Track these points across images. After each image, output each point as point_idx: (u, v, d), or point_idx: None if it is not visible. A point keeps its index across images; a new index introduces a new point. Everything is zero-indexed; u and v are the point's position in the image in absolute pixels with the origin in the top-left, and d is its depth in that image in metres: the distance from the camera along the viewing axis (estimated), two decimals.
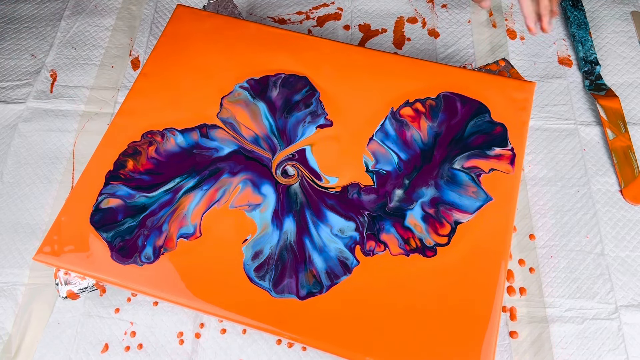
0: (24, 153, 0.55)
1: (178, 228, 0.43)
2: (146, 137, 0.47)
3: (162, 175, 0.46)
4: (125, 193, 0.45)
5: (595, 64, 0.58)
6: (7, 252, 0.50)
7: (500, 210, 0.43)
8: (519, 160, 0.45)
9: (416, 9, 0.64)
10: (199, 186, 0.45)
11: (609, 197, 0.51)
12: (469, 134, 0.47)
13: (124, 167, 0.46)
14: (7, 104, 0.58)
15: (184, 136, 0.47)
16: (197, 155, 0.46)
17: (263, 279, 0.41)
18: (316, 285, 0.41)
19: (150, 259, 0.42)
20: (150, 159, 0.46)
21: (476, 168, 0.45)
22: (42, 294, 0.48)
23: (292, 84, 0.50)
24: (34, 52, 0.62)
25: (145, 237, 0.43)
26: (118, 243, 0.42)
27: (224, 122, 0.48)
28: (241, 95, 0.49)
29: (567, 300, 0.46)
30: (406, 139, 0.47)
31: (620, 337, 0.45)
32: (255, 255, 0.42)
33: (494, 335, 0.38)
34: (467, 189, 0.44)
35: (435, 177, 0.45)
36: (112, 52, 0.62)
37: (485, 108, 0.48)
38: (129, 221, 0.43)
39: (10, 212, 0.52)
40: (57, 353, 0.45)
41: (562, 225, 0.50)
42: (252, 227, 0.43)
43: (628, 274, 0.47)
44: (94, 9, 0.66)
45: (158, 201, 0.44)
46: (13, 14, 0.66)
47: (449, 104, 0.48)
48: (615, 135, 0.54)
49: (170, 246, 0.42)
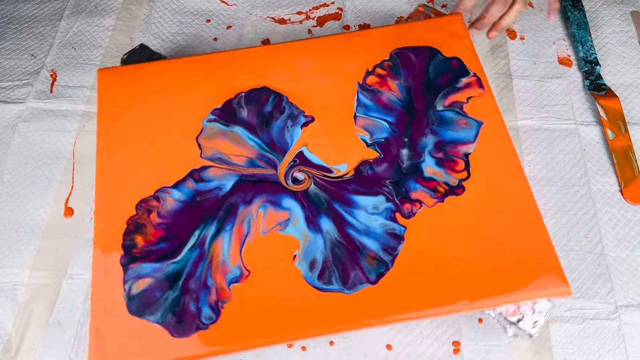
0: (24, 153, 0.55)
1: (224, 276, 0.41)
2: (141, 207, 0.44)
3: (179, 237, 0.43)
4: (151, 269, 0.41)
5: (595, 64, 0.58)
6: (7, 252, 0.50)
7: (494, 129, 0.47)
8: (485, 82, 0.49)
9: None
10: (222, 229, 0.43)
11: (609, 197, 0.51)
12: (433, 76, 0.50)
13: (135, 246, 0.42)
14: (7, 104, 0.58)
15: (179, 190, 0.45)
16: (202, 201, 0.44)
17: (330, 283, 0.41)
18: (380, 265, 0.41)
19: (213, 318, 0.40)
20: (158, 226, 0.43)
21: (456, 102, 0.48)
22: (42, 294, 0.48)
23: (256, 98, 0.49)
24: (34, 52, 0.62)
25: (196, 300, 0.40)
26: (171, 319, 0.40)
27: (211, 159, 0.46)
28: (214, 128, 0.48)
29: (567, 300, 0.46)
30: (385, 103, 0.49)
31: (620, 337, 0.45)
32: (312, 266, 0.42)
33: (549, 237, 0.42)
34: (458, 123, 0.47)
35: (427, 125, 0.47)
36: (112, 52, 0.62)
37: (434, 50, 0.51)
38: (170, 294, 0.41)
39: (10, 212, 0.52)
40: (57, 353, 0.45)
41: (562, 225, 0.50)
42: (294, 242, 0.42)
43: (628, 273, 0.47)
44: (94, 9, 0.66)
45: (189, 261, 0.42)
46: (13, 14, 0.66)
47: (404, 58, 0.51)
48: (615, 135, 0.54)
49: (226, 296, 0.40)
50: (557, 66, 0.59)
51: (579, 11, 0.62)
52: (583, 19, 0.61)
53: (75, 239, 0.50)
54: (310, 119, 0.48)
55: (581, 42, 0.59)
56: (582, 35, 0.60)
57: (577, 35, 0.60)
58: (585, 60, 0.58)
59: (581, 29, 0.60)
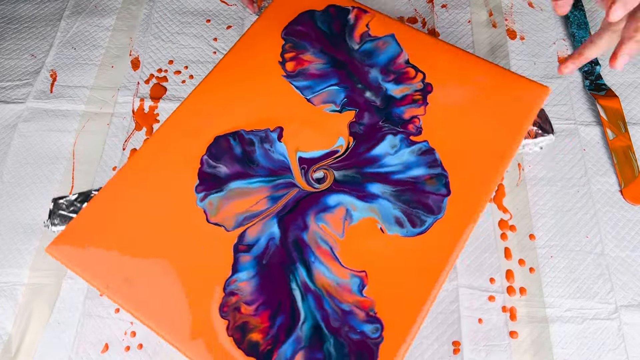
0: (23, 153, 0.55)
1: (350, 293, 0.40)
2: (226, 312, 0.40)
3: (281, 300, 0.40)
4: (293, 346, 0.39)
5: (595, 64, 0.58)
6: (7, 252, 0.50)
7: (402, 28, 0.53)
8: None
9: (416, 9, 0.64)
10: (309, 262, 0.42)
11: (609, 197, 0.51)
12: (327, 28, 0.54)
13: (258, 344, 0.39)
14: (7, 104, 0.58)
15: (241, 270, 0.42)
16: (269, 260, 0.42)
17: (424, 221, 0.43)
18: (439, 178, 0.44)
19: (378, 328, 0.39)
20: (257, 312, 0.40)
21: (363, 33, 0.53)
22: (42, 294, 0.48)
23: (219, 150, 0.47)
24: (34, 52, 0.62)
25: (349, 331, 0.39)
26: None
27: (239, 225, 0.43)
28: (212, 202, 0.44)
29: (567, 300, 0.46)
30: (317, 74, 0.51)
31: (620, 337, 0.45)
32: (399, 223, 0.43)
33: (510, 72, 0.49)
34: (379, 46, 0.52)
35: (361, 64, 0.51)
36: (112, 52, 0.62)
37: (311, 12, 0.55)
38: (328, 346, 0.39)
39: (10, 212, 0.52)
40: (57, 353, 0.45)
41: (562, 225, 0.50)
42: (370, 221, 0.43)
43: (628, 273, 0.47)
44: (94, 8, 0.66)
45: (312, 309, 0.40)
46: (13, 14, 0.66)
47: (295, 33, 0.54)
48: (615, 135, 0.54)
49: (368, 304, 0.40)
50: (557, 66, 0.59)
51: (579, 11, 0.62)
52: (583, 19, 0.61)
53: None
54: (279, 129, 0.48)
55: (581, 42, 0.59)
56: (582, 35, 0.60)
57: (577, 35, 0.60)
58: None
59: (581, 29, 0.60)
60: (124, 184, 0.45)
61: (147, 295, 0.40)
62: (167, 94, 0.58)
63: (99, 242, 0.43)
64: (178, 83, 0.59)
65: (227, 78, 0.51)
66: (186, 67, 0.60)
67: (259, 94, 0.50)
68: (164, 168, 0.46)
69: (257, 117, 0.48)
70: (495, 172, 0.45)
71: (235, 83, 0.51)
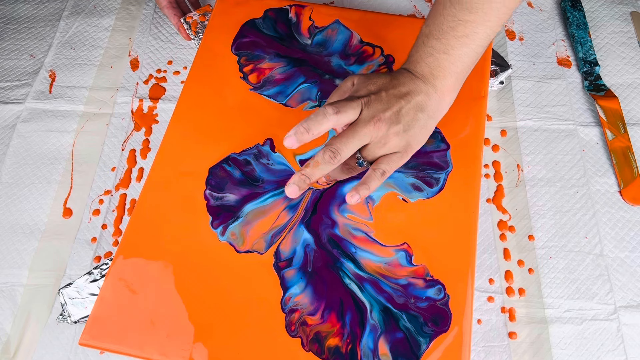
0: (22, 153, 0.55)
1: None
2: (294, 328, 0.40)
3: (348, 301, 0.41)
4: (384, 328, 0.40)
5: (595, 65, 0.58)
6: (6, 253, 0.50)
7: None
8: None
9: (415, 5, 0.64)
10: (354, 256, 0.43)
11: (608, 198, 0.51)
12: (273, 29, 0.55)
13: (339, 348, 0.39)
14: (6, 104, 0.58)
15: (290, 285, 0.42)
16: (314, 267, 0.42)
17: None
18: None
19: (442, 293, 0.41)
20: (324, 316, 0.40)
21: (313, 26, 0.55)
22: (41, 294, 0.48)
23: (219, 180, 0.46)
24: (33, 53, 0.62)
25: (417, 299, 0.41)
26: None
27: (270, 244, 0.43)
28: (235, 232, 0.44)
29: (566, 301, 0.46)
30: (282, 78, 0.51)
31: (619, 338, 0.45)
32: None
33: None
34: (329, 34, 0.54)
35: (321, 54, 0.53)
36: (111, 52, 0.62)
37: (250, 21, 0.55)
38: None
39: (9, 213, 0.52)
40: (56, 354, 0.45)
41: (561, 226, 0.50)
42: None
43: (627, 274, 0.47)
44: (93, 9, 0.66)
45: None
46: (12, 14, 0.66)
47: (245, 46, 0.54)
48: (615, 136, 0.54)
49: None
50: (557, 67, 0.59)
51: (578, 11, 0.62)
52: (582, 20, 0.61)
53: (74, 240, 0.50)
54: (269, 140, 0.48)
55: (580, 42, 0.59)
56: (581, 35, 0.60)
57: (576, 35, 0.60)
58: (584, 60, 0.58)
59: (580, 29, 0.60)
60: (135, 249, 0.43)
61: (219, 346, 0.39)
62: (166, 94, 0.58)
63: (130, 317, 0.40)
64: (177, 83, 0.59)
65: (195, 110, 0.50)
66: (185, 68, 0.60)
67: (234, 114, 0.49)
68: (170, 219, 0.44)
69: (241, 138, 0.48)
70: (480, 113, 0.46)
71: (206, 111, 0.49)
